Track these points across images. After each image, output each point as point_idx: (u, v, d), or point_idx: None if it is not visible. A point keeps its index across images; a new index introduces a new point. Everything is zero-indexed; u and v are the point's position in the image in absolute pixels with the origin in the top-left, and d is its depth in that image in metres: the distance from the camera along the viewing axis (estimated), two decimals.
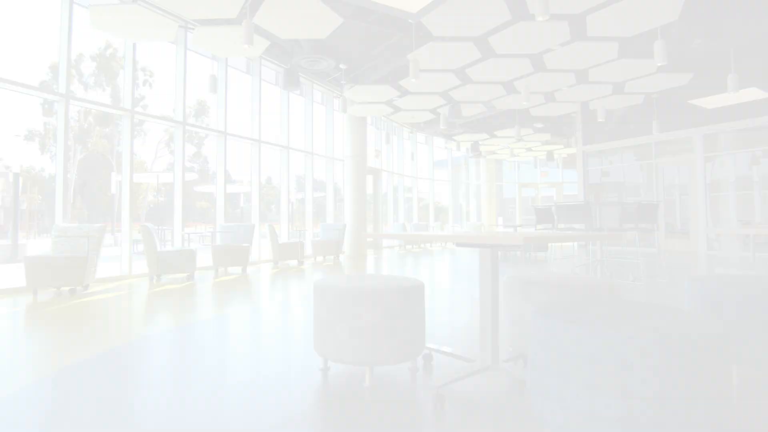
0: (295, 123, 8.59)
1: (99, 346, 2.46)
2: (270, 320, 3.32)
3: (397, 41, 6.09)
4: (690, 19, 4.70)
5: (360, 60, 7.21)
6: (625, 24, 4.71)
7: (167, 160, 25.89)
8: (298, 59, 5.79)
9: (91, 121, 20.65)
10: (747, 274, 3.22)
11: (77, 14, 4.91)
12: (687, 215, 9.90)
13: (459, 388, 1.71)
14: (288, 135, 8.17)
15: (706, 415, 0.93)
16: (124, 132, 5.60)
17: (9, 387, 1.84)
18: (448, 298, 4.21)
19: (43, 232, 16.86)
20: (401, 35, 5.68)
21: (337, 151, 9.61)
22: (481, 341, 1.77)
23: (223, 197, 6.80)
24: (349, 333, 1.74)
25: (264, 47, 5.32)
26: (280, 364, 2.20)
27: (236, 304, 3.95)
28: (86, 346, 2.50)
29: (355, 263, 7.54)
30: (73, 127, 19.42)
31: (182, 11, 4.45)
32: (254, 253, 7.37)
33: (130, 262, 5.45)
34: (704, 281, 1.79)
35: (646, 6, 4.33)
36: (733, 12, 4.98)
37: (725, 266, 6.56)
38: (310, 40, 5.68)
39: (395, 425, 1.47)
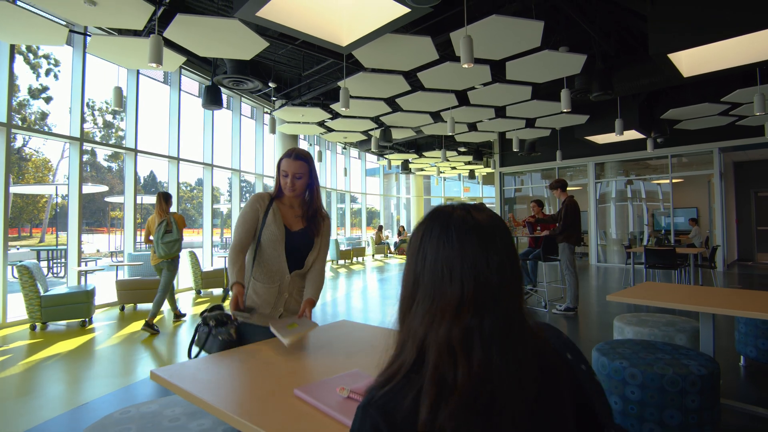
0: (220, 137, 8.03)
1: None
2: None
3: (331, 64, 6.04)
4: (589, 73, 5.40)
5: (292, 80, 7.00)
6: (538, 72, 5.25)
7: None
8: (221, 77, 5.40)
9: None
10: None
11: None
12: (583, 228, 11.39)
13: None
14: (212, 151, 7.60)
15: None
16: None
17: None
18: None
19: None
20: (334, 59, 5.64)
21: (268, 167, 9.19)
22: None
23: (133, 223, 6.05)
24: None
25: (179, 63, 4.87)
26: None
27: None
28: None
29: None
30: None
31: (75, 18, 3.85)
32: None
33: (2, 304, 4.54)
34: None
35: (555, 60, 4.87)
36: (619, 72, 5.85)
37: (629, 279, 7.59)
38: (233, 59, 5.34)
39: None
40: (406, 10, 3.42)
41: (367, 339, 1.68)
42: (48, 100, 22.17)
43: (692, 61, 4.75)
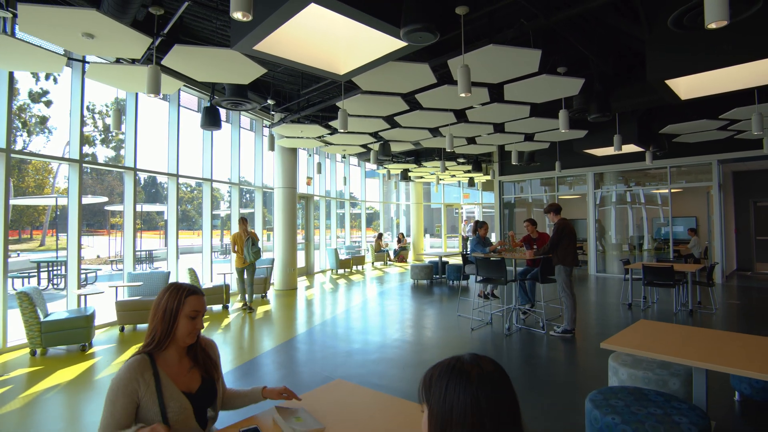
0: (219, 147, 8.05)
1: None
2: None
3: (329, 82, 6.04)
4: (587, 93, 5.40)
5: (291, 94, 7.00)
6: (536, 94, 5.26)
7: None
8: (219, 99, 5.41)
9: None
10: None
11: None
12: (582, 236, 11.38)
13: None
14: (211, 166, 7.61)
15: None
16: None
17: None
18: None
19: None
20: (332, 78, 5.63)
21: (267, 177, 9.21)
22: None
23: (132, 241, 6.07)
24: None
25: (177, 87, 4.88)
26: None
27: None
28: None
29: (283, 304, 7.28)
30: None
31: (73, 49, 3.86)
32: None
33: (2, 327, 4.54)
34: None
35: (553, 83, 4.88)
36: (618, 90, 5.86)
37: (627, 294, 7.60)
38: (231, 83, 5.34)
39: None
40: (402, 44, 3.43)
41: (365, 407, 1.69)
42: (48, 104, 22.23)
43: (690, 85, 4.76)
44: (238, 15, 2.48)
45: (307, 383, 3.60)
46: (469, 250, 6.73)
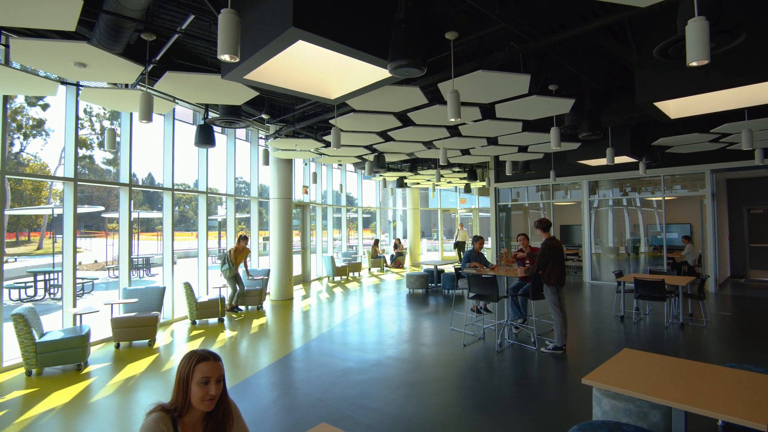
0: (215, 156, 8.06)
1: None
2: None
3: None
4: (579, 110, 5.45)
5: (286, 106, 7.04)
6: (528, 112, 5.30)
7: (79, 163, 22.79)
8: (213, 118, 5.45)
9: None
10: None
11: None
12: (577, 242, 11.45)
13: None
14: (206, 178, 7.64)
15: None
16: None
17: None
18: None
19: None
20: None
21: (264, 179, 9.25)
22: None
23: (128, 257, 6.11)
24: None
25: (170, 108, 4.92)
26: None
27: None
28: None
29: (279, 317, 7.33)
30: None
31: (66, 75, 3.89)
32: (168, 308, 6.72)
33: None
34: None
35: (544, 102, 4.92)
36: (610, 105, 5.90)
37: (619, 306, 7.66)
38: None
39: None
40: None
41: None
42: (45, 107, 22.22)
43: (679, 105, 4.80)
44: (225, 57, 2.51)
45: (298, 406, 3.65)
46: (462, 264, 6.77)
